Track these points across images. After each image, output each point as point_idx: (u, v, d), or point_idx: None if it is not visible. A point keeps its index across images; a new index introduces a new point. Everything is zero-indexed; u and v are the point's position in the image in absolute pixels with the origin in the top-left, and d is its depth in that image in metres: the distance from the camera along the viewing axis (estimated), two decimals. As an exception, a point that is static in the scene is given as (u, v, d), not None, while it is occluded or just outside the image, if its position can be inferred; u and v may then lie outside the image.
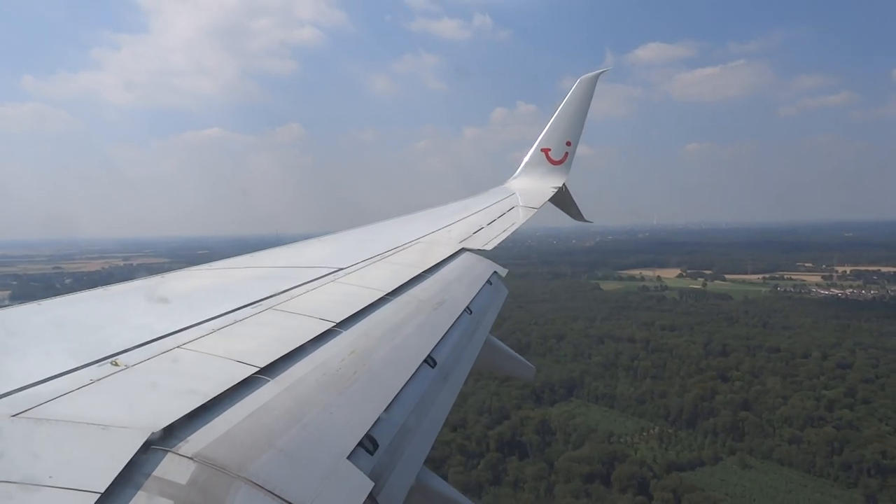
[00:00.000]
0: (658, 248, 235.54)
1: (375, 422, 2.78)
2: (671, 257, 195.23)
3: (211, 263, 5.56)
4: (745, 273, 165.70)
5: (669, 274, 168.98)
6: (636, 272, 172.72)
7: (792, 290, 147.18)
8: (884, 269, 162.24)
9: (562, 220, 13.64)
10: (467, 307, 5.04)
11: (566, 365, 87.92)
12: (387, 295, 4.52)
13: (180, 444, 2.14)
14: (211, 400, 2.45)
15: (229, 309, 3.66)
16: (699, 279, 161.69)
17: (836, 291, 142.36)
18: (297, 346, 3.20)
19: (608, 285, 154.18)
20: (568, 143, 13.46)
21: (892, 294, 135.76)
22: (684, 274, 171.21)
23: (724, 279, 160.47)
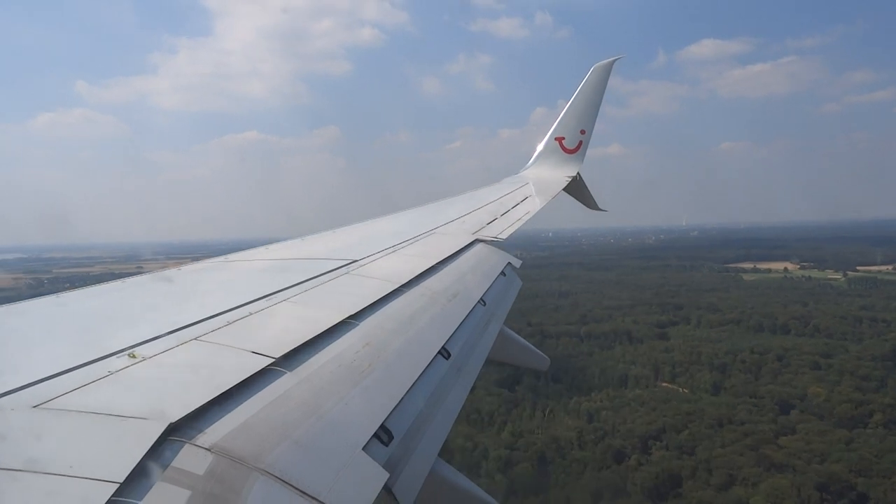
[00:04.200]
0: (732, 244, 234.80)
1: (390, 413, 2.79)
2: (759, 252, 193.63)
3: (227, 256, 5.59)
4: (875, 264, 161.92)
5: (789, 267, 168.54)
6: (748, 265, 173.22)
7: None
8: None
9: (588, 220, 13.57)
10: (481, 298, 5.03)
11: (867, 341, 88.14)
12: (401, 286, 4.52)
13: (197, 436, 2.15)
14: (227, 391, 2.46)
15: (245, 301, 3.67)
16: (826, 270, 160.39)
17: None
18: (312, 337, 3.21)
19: (746, 276, 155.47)
20: (582, 132, 13.33)
21: None
22: (804, 266, 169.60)
23: (857, 270, 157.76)
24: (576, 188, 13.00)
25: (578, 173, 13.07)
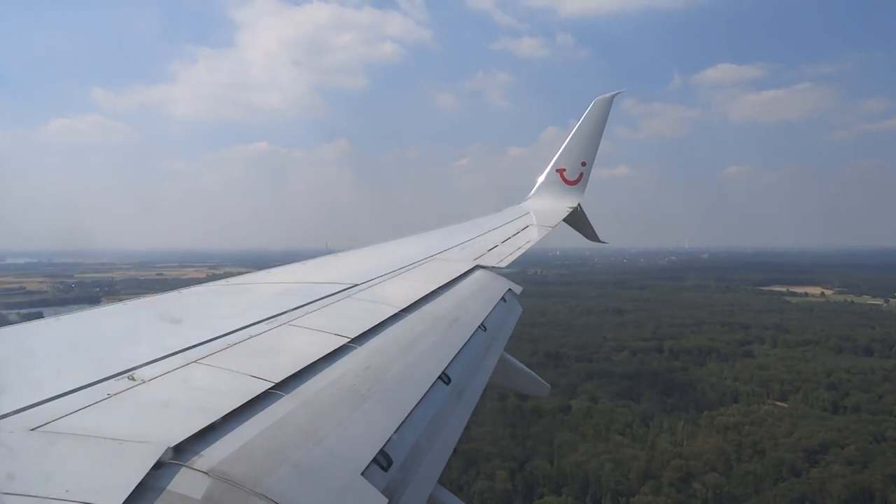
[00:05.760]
0: (754, 268, 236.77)
1: (390, 438, 2.76)
2: (784, 276, 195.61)
3: (227, 279, 5.59)
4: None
5: (825, 291, 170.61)
6: (781, 288, 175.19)
7: None
8: None
9: (584, 241, 13.65)
10: (482, 324, 5.02)
11: None
12: (401, 311, 4.52)
13: (195, 459, 2.13)
14: (226, 415, 2.45)
15: (245, 324, 3.67)
16: (863, 296, 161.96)
17: None
18: (312, 361, 3.19)
19: (790, 299, 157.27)
20: (583, 164, 13.45)
21: None
22: (841, 291, 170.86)
23: (895, 296, 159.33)
24: (576, 219, 13.05)
25: (579, 204, 13.14)
